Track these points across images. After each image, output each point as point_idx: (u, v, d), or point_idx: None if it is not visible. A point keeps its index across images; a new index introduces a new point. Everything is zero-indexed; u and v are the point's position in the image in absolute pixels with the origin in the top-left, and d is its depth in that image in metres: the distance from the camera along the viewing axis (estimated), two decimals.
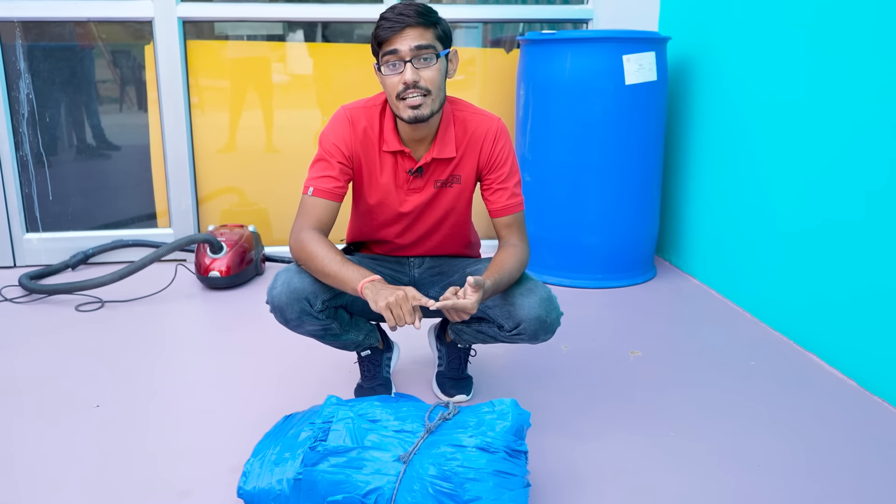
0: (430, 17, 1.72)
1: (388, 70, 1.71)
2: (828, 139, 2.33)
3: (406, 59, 1.69)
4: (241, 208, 3.55)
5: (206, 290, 3.07)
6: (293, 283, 1.76)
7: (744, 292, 2.82)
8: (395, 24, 1.68)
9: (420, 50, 1.69)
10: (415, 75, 1.69)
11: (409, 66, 1.69)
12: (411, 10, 1.69)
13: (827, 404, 2.09)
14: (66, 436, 1.90)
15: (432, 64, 1.71)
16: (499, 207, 1.88)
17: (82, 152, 3.44)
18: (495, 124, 1.87)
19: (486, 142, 1.85)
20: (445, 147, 1.83)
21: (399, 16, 1.68)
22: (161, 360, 2.39)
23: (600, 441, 1.88)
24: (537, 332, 1.80)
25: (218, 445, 1.85)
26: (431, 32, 1.72)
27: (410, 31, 1.69)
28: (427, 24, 1.71)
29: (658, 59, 2.96)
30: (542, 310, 1.78)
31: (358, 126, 1.83)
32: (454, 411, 1.61)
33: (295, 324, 1.80)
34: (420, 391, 2.14)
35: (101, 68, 3.36)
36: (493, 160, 1.86)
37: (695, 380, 2.24)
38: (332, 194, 1.81)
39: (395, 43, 1.69)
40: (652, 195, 3.16)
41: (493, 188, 1.87)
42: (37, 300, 2.92)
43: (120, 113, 3.44)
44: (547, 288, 1.84)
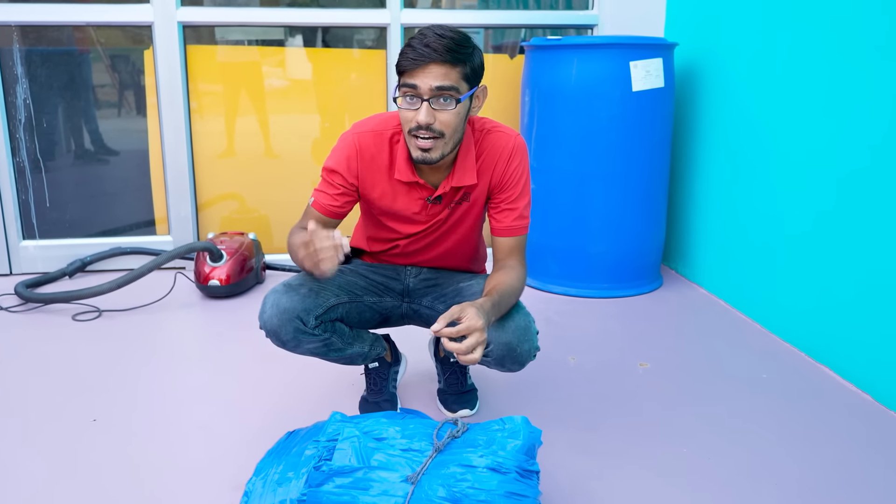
0: (459, 53, 1.58)
1: (405, 103, 1.62)
2: (840, 146, 2.29)
3: (424, 97, 1.58)
4: (242, 215, 3.50)
5: (206, 298, 3.02)
6: (282, 303, 1.71)
7: (753, 302, 2.78)
8: (419, 59, 1.56)
9: (440, 91, 1.58)
10: (429, 117, 1.59)
11: (425, 106, 1.58)
12: (441, 43, 1.55)
13: (842, 420, 2.04)
14: (63, 450, 1.85)
15: (451, 108, 1.60)
16: (503, 227, 1.80)
17: (80, 158, 3.39)
18: (512, 141, 1.78)
19: (501, 160, 1.77)
20: (466, 174, 1.75)
21: (425, 48, 1.55)
22: (160, 371, 2.34)
23: (612, 459, 1.83)
24: (503, 359, 1.70)
25: (218, 462, 1.80)
26: (458, 71, 1.59)
27: (434, 69, 1.56)
28: (454, 63, 1.57)
29: (665, 64, 2.91)
30: (513, 336, 1.68)
31: (365, 152, 1.75)
32: (463, 428, 1.56)
33: (293, 344, 1.74)
34: (426, 406, 2.09)
35: (99, 73, 3.31)
36: (506, 179, 1.78)
37: (705, 394, 2.19)
38: (327, 211, 1.78)
39: (415, 77, 1.57)
40: (658, 203, 3.11)
41: (501, 207, 1.80)
42: (33, 309, 2.86)
43: (118, 118, 3.39)
44: (530, 318, 1.75)
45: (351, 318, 1.87)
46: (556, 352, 2.47)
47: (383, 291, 1.94)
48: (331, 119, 3.46)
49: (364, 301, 1.88)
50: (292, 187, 3.45)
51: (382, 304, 1.93)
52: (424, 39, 1.57)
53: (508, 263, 1.79)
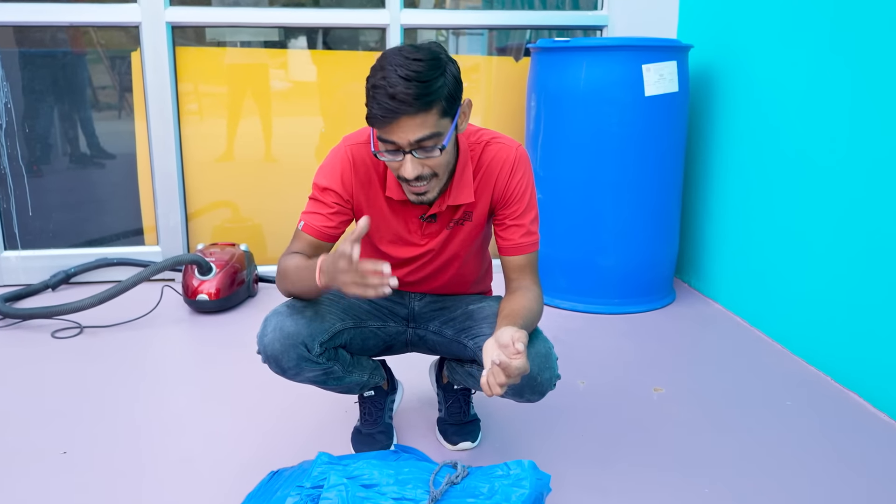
0: (430, 93, 1.37)
1: (387, 156, 1.45)
2: (867, 153, 2.13)
3: (405, 150, 1.42)
4: (234, 224, 3.35)
5: (195, 314, 2.87)
6: (286, 327, 1.55)
7: (772, 320, 2.61)
8: (388, 115, 1.37)
9: (421, 142, 1.42)
10: (417, 168, 1.44)
11: (409, 159, 1.43)
12: (407, 92, 1.35)
13: (873, 452, 1.88)
14: (32, 487, 1.69)
15: (435, 154, 1.44)
16: (510, 245, 1.64)
17: (65, 164, 3.24)
18: (513, 153, 1.62)
19: (502, 174, 1.61)
20: (462, 192, 1.60)
21: (391, 100, 1.35)
22: (141, 396, 2.18)
23: (626, 499, 1.67)
24: (523, 389, 1.55)
25: (198, 501, 1.64)
26: (434, 113, 1.40)
27: (407, 122, 1.38)
28: (428, 107, 1.38)
29: (679, 68, 2.76)
30: (534, 365, 1.52)
31: (360, 166, 1.60)
32: (463, 473, 1.42)
33: (293, 373, 1.59)
34: (424, 435, 1.94)
35: (85, 75, 3.16)
36: (509, 195, 1.62)
37: (727, 423, 2.03)
38: (320, 234, 1.62)
39: (389, 134, 1.40)
40: (671, 213, 2.95)
41: (506, 224, 1.64)
42: (11, 325, 2.72)
43: (105, 122, 3.24)
44: (549, 344, 1.59)
45: (354, 345, 1.71)
46: (564, 374, 2.28)
47: (387, 316, 1.78)
48: (328, 124, 3.31)
49: (368, 326, 1.73)
50: (288, 195, 3.30)
51: (386, 329, 1.78)
52: (389, 89, 1.36)
53: (522, 284, 1.63)
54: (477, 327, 1.67)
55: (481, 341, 1.60)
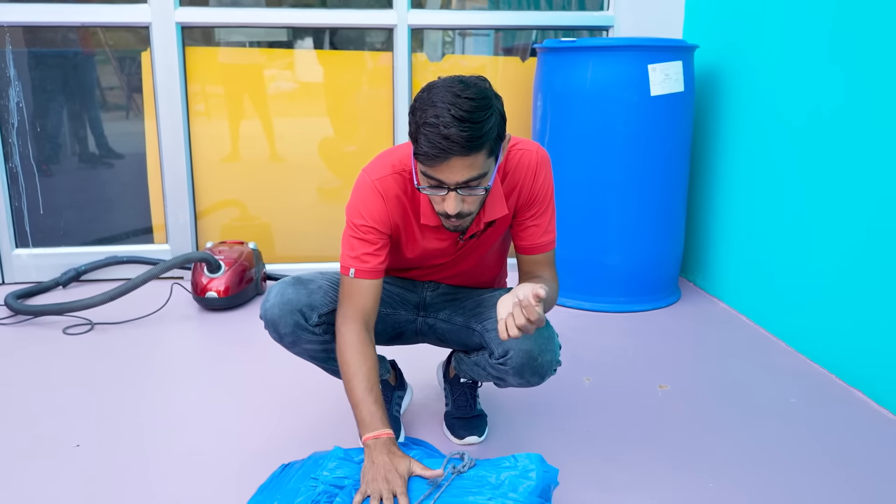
0: (482, 136, 1.38)
1: (430, 190, 1.47)
2: (873, 153, 2.14)
3: (451, 188, 1.44)
4: (242, 223, 3.37)
5: (203, 311, 2.90)
6: (287, 294, 1.63)
7: (778, 319, 2.63)
8: (440, 154, 1.38)
9: (468, 183, 1.44)
10: (459, 205, 1.46)
11: (452, 196, 1.45)
12: (461, 135, 1.35)
13: (879, 450, 1.89)
14: (46, 479, 1.72)
15: (480, 192, 1.47)
16: (529, 245, 1.68)
17: (75, 163, 3.27)
18: (535, 158, 1.63)
19: (526, 180, 1.63)
20: (496, 207, 1.61)
21: (445, 140, 1.36)
22: (151, 391, 2.21)
23: (632, 495, 1.69)
24: (523, 369, 1.59)
25: (207, 493, 1.67)
26: (483, 155, 1.41)
27: (457, 162, 1.39)
28: (478, 149, 1.40)
29: (685, 67, 2.77)
30: (535, 345, 1.57)
31: (389, 198, 1.60)
32: (470, 464, 1.44)
33: (290, 340, 1.65)
34: (432, 430, 1.96)
35: (95, 76, 3.19)
36: (533, 197, 1.64)
37: (731, 421, 2.05)
38: (375, 273, 1.61)
39: (438, 172, 1.42)
40: (677, 212, 2.97)
41: (526, 224, 1.67)
42: (23, 322, 2.75)
43: (115, 122, 3.27)
44: (552, 330, 1.64)
45: None
46: (570, 371, 2.34)
47: (398, 304, 1.82)
48: (335, 122, 3.33)
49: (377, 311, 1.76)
50: (295, 194, 3.33)
51: (396, 316, 1.82)
52: (442, 129, 1.36)
53: (539, 274, 1.68)
54: (487, 312, 1.70)
55: (490, 325, 1.64)
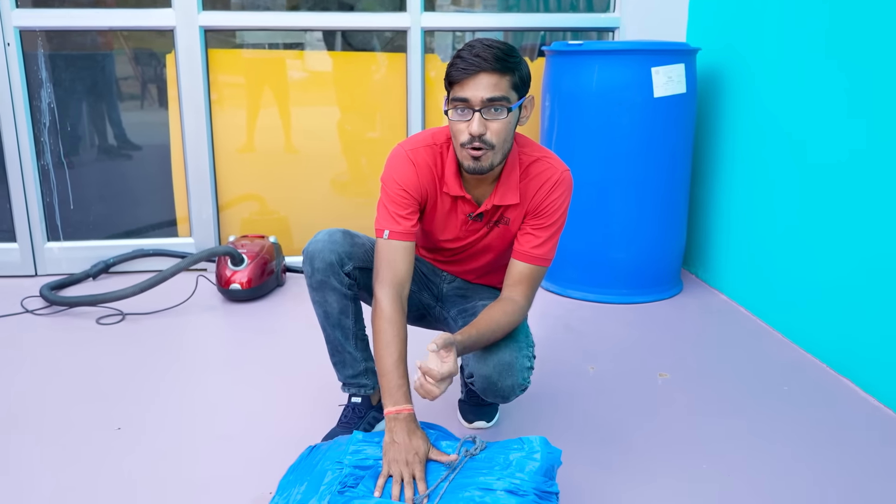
0: (508, 62, 1.58)
1: (456, 115, 1.61)
2: (867, 153, 2.26)
3: (476, 108, 1.58)
4: (262, 217, 3.52)
5: (227, 302, 3.05)
6: (335, 236, 1.80)
7: (775, 311, 2.76)
8: (470, 68, 1.56)
9: (492, 101, 1.58)
10: (481, 127, 1.59)
11: (476, 117, 1.58)
12: (489, 52, 1.56)
13: (864, 435, 2.03)
14: (85, 458, 1.88)
15: (502, 117, 1.60)
16: (520, 251, 1.77)
17: (103, 161, 3.42)
18: (557, 174, 1.75)
19: (543, 189, 1.75)
20: (508, 192, 1.73)
21: (475, 58, 1.56)
22: (182, 378, 2.36)
23: (630, 476, 1.83)
24: (485, 392, 1.74)
25: (240, 474, 1.82)
26: (508, 80, 1.59)
27: (485, 78, 1.56)
28: (504, 71, 1.57)
29: (687, 70, 2.89)
30: (494, 371, 1.70)
31: (420, 167, 1.74)
32: (481, 447, 1.57)
33: (319, 277, 1.79)
34: (447, 415, 2.11)
35: (122, 76, 3.34)
36: (543, 208, 1.76)
37: (726, 407, 2.19)
38: (407, 234, 1.72)
39: (466, 89, 1.58)
40: (679, 209, 3.10)
41: (526, 230, 1.78)
42: (58, 312, 2.91)
43: (141, 122, 3.41)
44: (521, 353, 1.73)
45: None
46: (575, 360, 2.48)
47: (423, 286, 1.96)
48: (351, 122, 3.47)
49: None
50: (312, 188, 3.47)
51: (421, 297, 1.96)
52: (473, 50, 1.57)
53: (512, 295, 1.76)
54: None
55: None
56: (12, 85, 3.12)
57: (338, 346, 1.90)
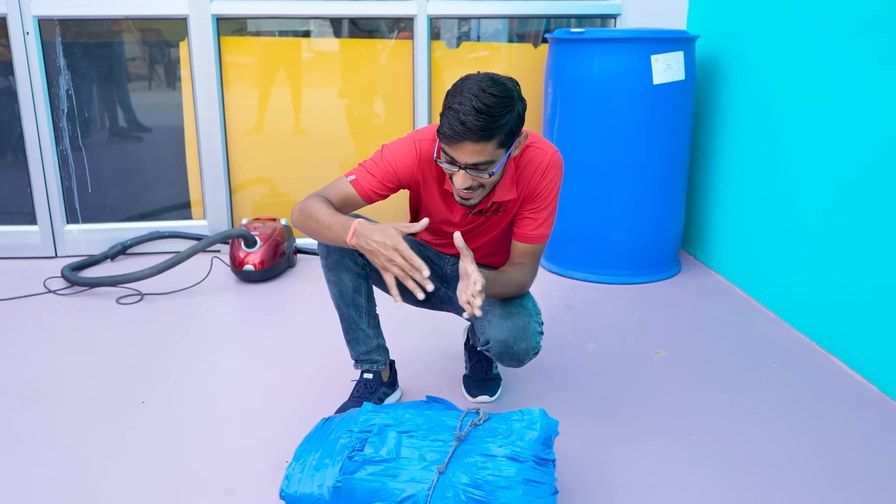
0: (494, 128, 1.60)
1: (445, 164, 1.71)
2: (858, 140, 2.35)
3: (461, 167, 1.67)
4: (273, 199, 3.62)
5: (241, 282, 3.17)
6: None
7: (767, 291, 2.86)
8: (454, 136, 1.61)
9: (476, 166, 1.66)
10: (467, 181, 1.69)
11: (462, 174, 1.68)
12: (475, 123, 1.58)
13: (847, 408, 2.14)
14: (114, 431, 2.00)
15: (485, 177, 1.69)
16: (521, 234, 1.90)
17: (119, 146, 3.53)
18: (548, 158, 1.85)
19: (536, 175, 1.85)
20: (505, 191, 1.84)
21: (460, 125, 1.59)
22: (201, 355, 2.48)
23: (625, 446, 1.95)
24: (502, 356, 1.85)
25: (258, 444, 1.94)
26: (493, 144, 1.63)
27: (468, 146, 1.62)
28: (488, 138, 1.61)
29: (686, 57, 2.97)
30: (510, 335, 1.82)
31: (424, 158, 1.85)
32: (484, 417, 1.69)
33: (335, 258, 1.89)
34: (452, 389, 2.22)
35: (136, 64, 3.43)
36: (538, 193, 1.87)
37: (717, 382, 2.30)
38: (363, 192, 1.83)
39: (452, 150, 1.65)
40: (677, 193, 3.19)
41: (524, 215, 1.90)
42: (79, 292, 3.03)
43: (155, 107, 3.51)
44: (532, 318, 1.85)
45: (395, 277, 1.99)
46: (575, 338, 2.59)
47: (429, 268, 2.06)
48: (359, 106, 3.56)
49: None
50: (321, 172, 3.57)
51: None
52: (461, 115, 1.59)
53: (519, 261, 1.91)
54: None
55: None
56: (31, 72, 3.23)
57: (352, 323, 2.01)
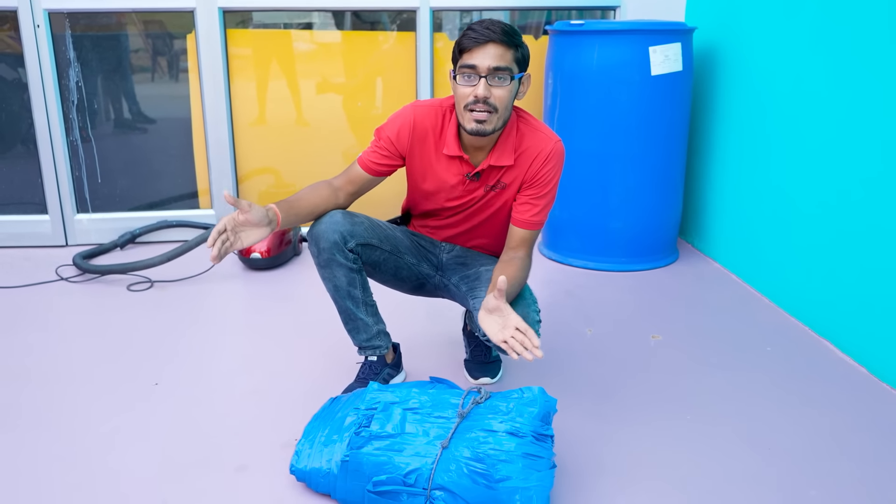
0: (514, 38, 1.80)
1: (463, 80, 1.82)
2: (852, 131, 2.41)
3: (482, 74, 1.79)
4: (278, 189, 3.69)
5: (248, 270, 3.24)
6: (335, 217, 1.96)
7: (763, 277, 2.93)
8: (480, 37, 1.77)
9: (497, 70, 1.79)
10: (487, 91, 1.79)
11: (482, 82, 1.79)
12: (498, 27, 1.78)
13: (837, 391, 2.21)
14: (129, 412, 2.08)
15: (505, 84, 1.81)
16: (520, 219, 1.97)
17: (127, 137, 3.59)
18: (551, 145, 1.93)
19: (538, 160, 1.93)
20: (504, 155, 1.92)
21: (486, 30, 1.77)
22: (210, 340, 2.56)
23: (620, 424, 2.02)
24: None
25: (268, 423, 2.02)
26: (512, 54, 1.80)
27: (493, 48, 1.78)
28: (510, 45, 1.79)
29: (684, 48, 3.03)
30: None
31: (420, 125, 1.96)
32: (486, 396, 1.76)
33: (326, 256, 1.94)
34: (454, 372, 2.29)
35: (144, 55, 3.50)
36: (538, 178, 1.94)
37: (710, 365, 2.37)
38: (367, 167, 2.00)
39: (475, 56, 1.79)
40: (675, 182, 3.25)
41: (523, 200, 1.96)
42: (90, 279, 3.10)
43: (163, 100, 3.57)
44: (531, 309, 1.90)
45: (387, 270, 2.07)
46: (574, 324, 2.66)
47: (422, 258, 2.14)
48: (363, 97, 3.63)
49: (404, 259, 2.09)
50: (326, 162, 3.64)
51: (420, 268, 2.13)
52: (483, 23, 1.79)
53: (517, 255, 1.97)
54: (480, 289, 2.00)
55: (478, 304, 1.94)
56: (42, 65, 3.30)
57: (350, 314, 2.07)
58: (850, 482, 1.78)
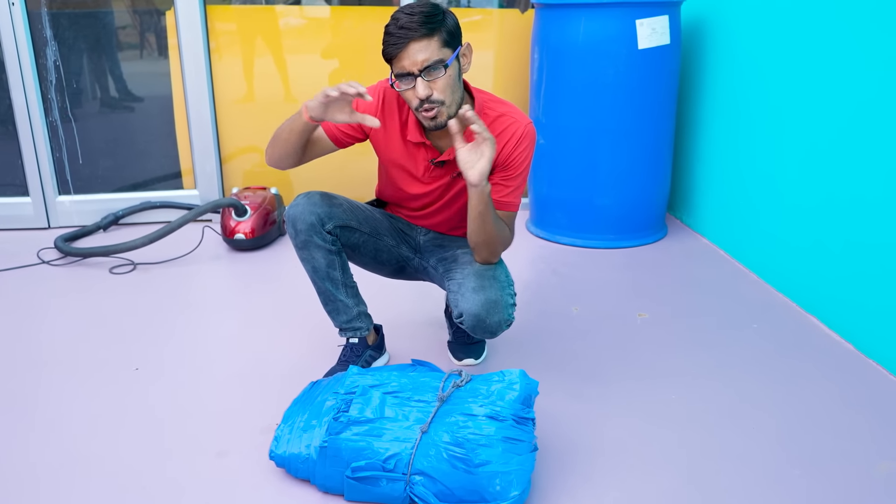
0: (432, 23, 1.71)
1: (402, 86, 1.77)
2: (838, 105, 2.38)
3: (416, 74, 1.73)
4: (263, 168, 3.65)
5: (232, 251, 3.21)
6: (313, 198, 1.93)
7: (750, 253, 2.91)
8: (400, 41, 1.71)
9: (428, 66, 1.72)
10: (427, 89, 1.74)
11: (419, 81, 1.73)
12: (412, 20, 1.70)
13: (823, 366, 2.20)
14: (110, 397, 2.05)
15: (440, 75, 1.74)
16: (494, 199, 1.89)
17: (108, 116, 3.54)
18: (521, 129, 1.88)
19: (509, 144, 1.88)
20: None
21: (401, 30, 1.70)
22: (193, 322, 2.53)
23: (604, 405, 2.01)
24: (475, 329, 1.87)
25: (248, 407, 2.00)
26: (437, 40, 1.72)
27: (415, 46, 1.71)
28: (430, 33, 1.71)
29: (671, 21, 2.98)
30: (483, 310, 1.83)
31: (387, 103, 1.92)
32: (466, 378, 1.74)
33: (304, 238, 1.92)
34: (439, 353, 2.28)
35: (123, 33, 3.43)
36: (510, 161, 1.89)
37: (697, 343, 2.35)
38: (327, 127, 1.94)
39: (402, 60, 1.73)
40: (663, 157, 3.22)
41: (495, 181, 1.91)
42: (72, 262, 3.06)
43: (142, 77, 3.52)
44: (504, 291, 1.88)
45: (367, 252, 2.04)
46: (560, 302, 2.64)
47: (401, 240, 2.11)
48: (350, 75, 3.57)
49: (383, 241, 2.07)
50: None
51: (399, 251, 2.11)
52: (398, 23, 1.71)
53: None
54: (456, 270, 1.97)
55: (453, 286, 1.93)
56: (18, 43, 3.23)
57: (329, 296, 2.04)
58: (835, 458, 1.77)
